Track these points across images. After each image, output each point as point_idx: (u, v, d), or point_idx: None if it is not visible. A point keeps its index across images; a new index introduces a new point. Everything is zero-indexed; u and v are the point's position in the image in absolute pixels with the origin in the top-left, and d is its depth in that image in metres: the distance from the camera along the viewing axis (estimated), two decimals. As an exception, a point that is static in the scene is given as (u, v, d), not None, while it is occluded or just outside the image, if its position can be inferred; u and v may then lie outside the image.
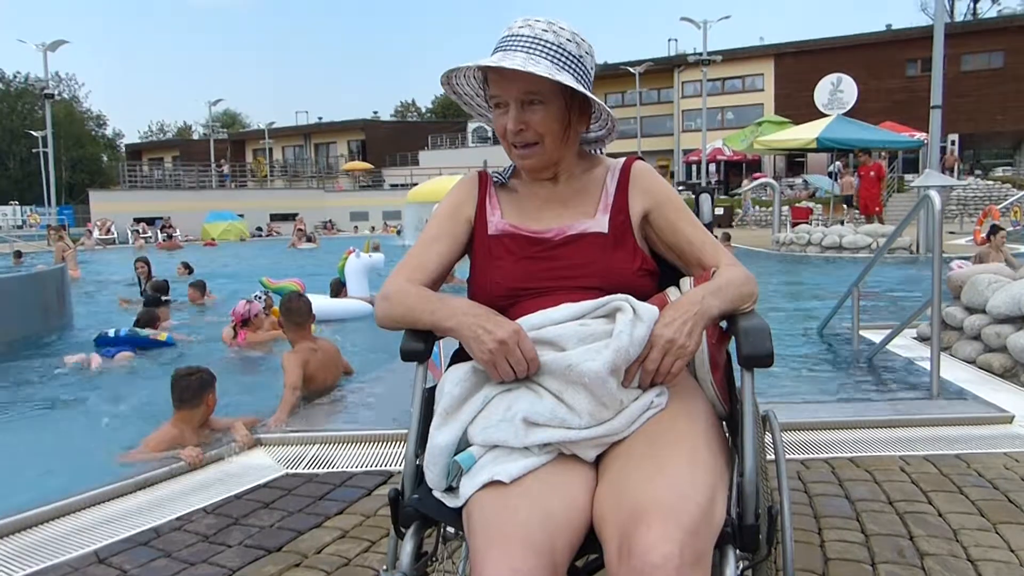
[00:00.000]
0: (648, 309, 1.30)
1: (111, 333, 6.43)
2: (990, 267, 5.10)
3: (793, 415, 3.59)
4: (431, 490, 1.28)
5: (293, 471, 3.18)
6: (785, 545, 1.31)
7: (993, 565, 2.17)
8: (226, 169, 40.28)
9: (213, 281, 10.07)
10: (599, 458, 1.25)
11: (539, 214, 1.51)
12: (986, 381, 4.14)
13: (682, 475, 1.13)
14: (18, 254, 14.95)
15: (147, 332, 6.56)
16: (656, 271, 1.50)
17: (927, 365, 3.97)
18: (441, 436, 1.27)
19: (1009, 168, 30.82)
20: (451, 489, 1.26)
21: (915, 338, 5.32)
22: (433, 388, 1.40)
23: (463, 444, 1.27)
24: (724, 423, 1.42)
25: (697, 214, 1.64)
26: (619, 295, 1.33)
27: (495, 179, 1.58)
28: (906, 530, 2.43)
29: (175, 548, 2.48)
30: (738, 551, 1.16)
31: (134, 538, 2.56)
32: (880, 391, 4.22)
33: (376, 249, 8.88)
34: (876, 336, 5.20)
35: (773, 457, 1.50)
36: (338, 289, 8.27)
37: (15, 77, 55.43)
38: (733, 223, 24.56)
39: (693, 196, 1.77)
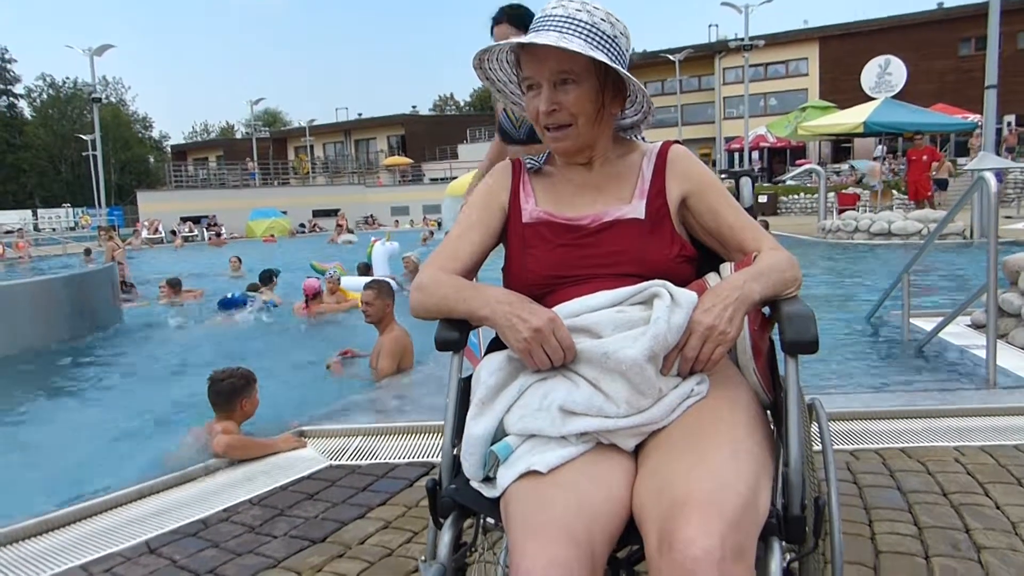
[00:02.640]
0: (686, 295, 1.27)
1: (229, 295, 8.81)
2: (1049, 251, 4.91)
3: (842, 404, 3.50)
4: (469, 480, 1.27)
5: (337, 463, 3.21)
6: (833, 537, 1.27)
7: (1055, 559, 2.09)
8: (251, 166, 40.65)
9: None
10: (638, 447, 1.23)
11: (574, 200, 1.48)
12: (1046, 369, 3.98)
13: (724, 465, 1.10)
14: (88, 252, 15.61)
15: (255, 294, 8.82)
16: (695, 257, 1.46)
17: (982, 353, 3.84)
18: (477, 426, 1.25)
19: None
20: (488, 479, 1.25)
21: (969, 326, 5.15)
22: (469, 378, 1.39)
23: (500, 434, 1.26)
24: (768, 412, 1.38)
25: (737, 198, 1.60)
26: (656, 281, 1.30)
27: (529, 166, 1.56)
28: (962, 523, 2.34)
29: (223, 539, 2.52)
30: (784, 543, 1.13)
31: (183, 529, 2.61)
32: (933, 380, 4.10)
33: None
34: (928, 324, 5.05)
35: (819, 447, 1.45)
36: (365, 270, 10.05)
37: (64, 82, 57.11)
38: (778, 211, 24.10)
39: (733, 181, 1.72)
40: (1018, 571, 2.04)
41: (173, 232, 27.27)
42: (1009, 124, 19.10)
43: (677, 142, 1.54)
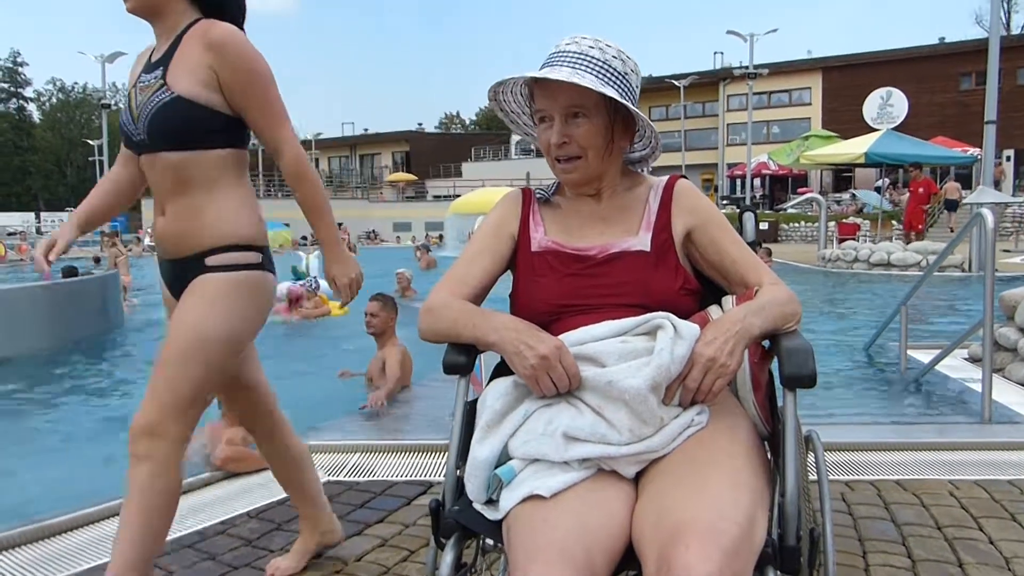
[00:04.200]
0: (689, 327, 1.31)
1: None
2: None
3: (838, 435, 3.52)
4: (471, 502, 1.30)
5: (334, 478, 3.22)
6: (827, 568, 1.29)
7: (1046, 596, 2.11)
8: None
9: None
10: (639, 475, 1.26)
11: (582, 231, 1.52)
12: (1041, 405, 4.01)
13: (723, 494, 1.13)
14: (96, 259, 15.71)
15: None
16: (698, 290, 1.50)
17: (978, 387, 3.86)
18: (482, 449, 1.28)
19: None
20: (491, 502, 1.27)
21: (966, 359, 5.17)
22: (474, 401, 1.42)
23: (504, 457, 1.29)
24: (766, 443, 1.41)
25: (740, 232, 1.63)
26: (660, 313, 1.34)
27: (538, 196, 1.61)
28: (955, 556, 2.36)
29: (219, 551, 2.53)
30: (779, 573, 1.15)
31: (180, 540, 2.62)
32: (928, 413, 4.12)
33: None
34: (925, 356, 5.08)
35: (815, 478, 1.48)
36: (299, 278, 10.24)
37: (73, 88, 57.50)
38: (779, 238, 24.19)
39: (737, 212, 1.76)
40: (1010, 607, 2.06)
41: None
42: (1008, 158, 19.32)
43: (683, 177, 1.59)
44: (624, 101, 1.41)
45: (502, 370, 1.44)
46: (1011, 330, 4.74)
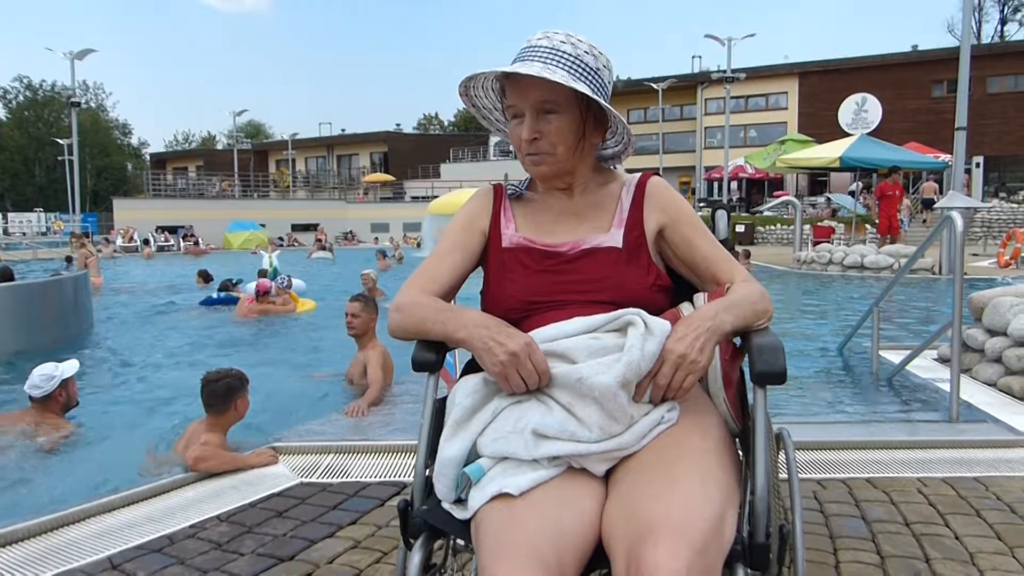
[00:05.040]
0: (660, 324, 1.30)
1: (215, 295, 10.19)
2: (1013, 289, 5.03)
3: (811, 434, 3.55)
4: (440, 501, 1.29)
5: (307, 480, 3.19)
6: (797, 565, 1.30)
7: (1012, 592, 2.14)
8: (226, 186, 40.20)
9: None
10: (609, 472, 1.25)
11: (554, 227, 1.52)
12: (1006, 404, 4.08)
13: (693, 491, 1.13)
14: (69, 259, 15.45)
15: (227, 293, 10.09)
16: (670, 287, 1.50)
17: (947, 387, 3.92)
18: (451, 448, 1.27)
19: (1021, 191, 30.28)
20: (460, 501, 1.26)
21: (936, 359, 5.25)
22: (444, 399, 1.41)
23: (473, 456, 1.27)
24: (737, 440, 1.41)
25: (713, 230, 1.64)
26: (631, 309, 1.33)
27: (510, 192, 1.60)
28: (922, 552, 2.39)
29: (188, 555, 2.49)
30: (748, 570, 1.15)
31: (148, 545, 2.57)
32: (899, 412, 4.17)
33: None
34: (896, 356, 5.14)
35: (786, 476, 1.48)
36: (266, 275, 10.46)
37: (41, 85, 56.49)
38: (755, 240, 24.40)
39: (710, 212, 1.77)
40: (976, 603, 2.09)
41: (146, 241, 26.88)
42: (978, 165, 19.70)
43: (656, 173, 1.59)
44: (596, 97, 1.40)
45: (472, 367, 1.43)
46: (979, 331, 4.82)
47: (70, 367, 4.20)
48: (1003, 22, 51.18)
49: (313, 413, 4.45)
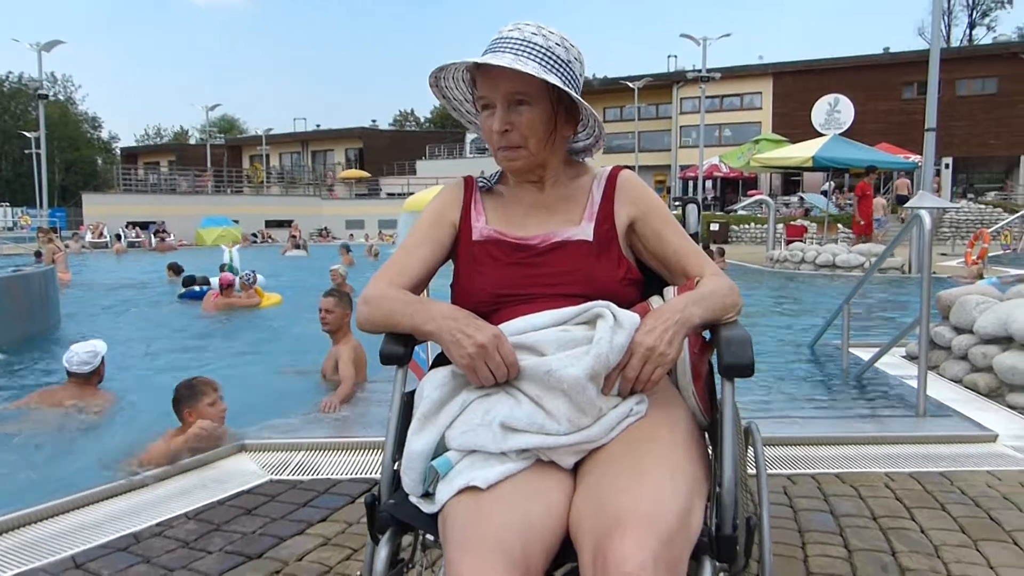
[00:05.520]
0: (629, 316, 1.30)
1: (198, 288, 10.21)
2: (979, 288, 5.12)
3: (782, 430, 3.59)
4: (408, 496, 1.27)
5: (277, 477, 3.16)
6: (764, 558, 1.31)
7: (974, 583, 2.17)
8: (206, 177, 39.70)
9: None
10: (577, 465, 1.24)
11: (524, 220, 1.51)
12: (972, 400, 4.15)
13: (660, 483, 1.13)
14: (38, 254, 15.13)
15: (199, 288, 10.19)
16: (640, 280, 1.50)
17: (915, 383, 3.98)
18: (418, 441, 1.26)
19: (999, 193, 30.98)
20: (428, 495, 1.25)
21: (904, 356, 5.33)
22: (412, 392, 1.39)
23: (441, 449, 1.26)
24: (706, 434, 1.41)
25: (683, 224, 1.64)
26: (600, 302, 1.33)
27: (481, 184, 1.59)
28: (889, 546, 2.42)
29: (154, 554, 2.45)
30: (715, 562, 1.16)
31: (113, 543, 2.53)
32: (868, 408, 4.23)
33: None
34: (866, 353, 5.21)
35: (755, 470, 1.49)
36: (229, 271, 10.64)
37: (8, 77, 55.33)
38: (729, 239, 24.62)
39: (680, 207, 1.77)
40: (941, 595, 2.12)
41: (117, 237, 26.46)
42: (947, 166, 20.08)
43: (628, 167, 1.58)
44: (567, 89, 1.39)
45: (441, 360, 1.42)
46: (946, 329, 4.89)
47: (103, 344, 4.65)
48: (971, 26, 52.23)
49: (284, 409, 4.40)
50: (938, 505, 2.75)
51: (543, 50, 1.40)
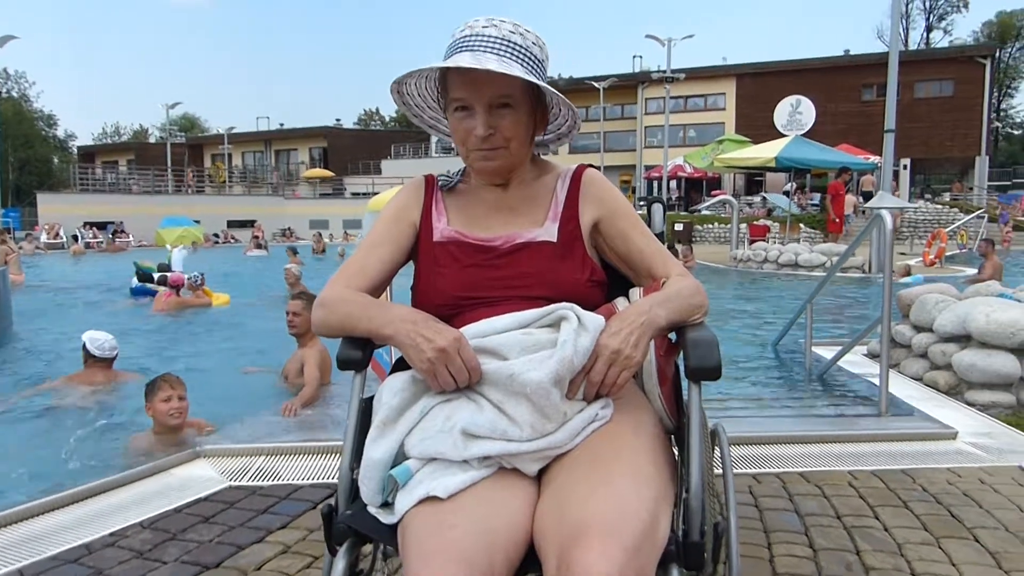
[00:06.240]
0: (593, 319, 1.27)
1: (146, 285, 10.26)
2: (938, 287, 5.20)
3: (746, 428, 3.60)
4: (366, 505, 1.23)
5: (236, 483, 3.07)
6: (732, 562, 1.28)
7: (936, 581, 2.19)
8: (190, 174, 38.98)
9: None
10: (541, 471, 1.21)
11: (487, 221, 1.47)
12: (932, 398, 4.21)
13: (626, 490, 1.10)
14: None
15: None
16: (605, 281, 1.47)
17: (876, 381, 4.03)
18: (377, 449, 1.21)
19: (948, 193, 31.67)
20: (387, 504, 1.21)
21: (865, 355, 5.40)
22: (371, 398, 1.35)
23: (400, 457, 1.22)
24: (672, 437, 1.39)
25: (648, 223, 1.62)
26: (564, 304, 1.30)
27: (442, 183, 1.54)
28: (853, 545, 2.43)
29: (107, 565, 2.37)
30: (683, 570, 1.13)
31: (63, 555, 2.43)
32: (831, 406, 4.26)
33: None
34: (828, 352, 5.27)
35: (721, 472, 1.47)
36: (165, 269, 10.66)
37: (-41, 74, 53.71)
38: (693, 239, 24.85)
39: (646, 209, 1.75)
40: (904, 593, 2.13)
41: (75, 237, 25.80)
42: (905, 166, 20.55)
43: (592, 166, 1.55)
44: (553, 91, 1.37)
45: (401, 365, 1.37)
46: (906, 328, 4.97)
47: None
48: (928, 29, 53.48)
49: (243, 412, 4.30)
50: (901, 503, 2.77)
51: (523, 50, 1.36)
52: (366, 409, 1.33)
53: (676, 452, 1.36)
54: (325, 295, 1.38)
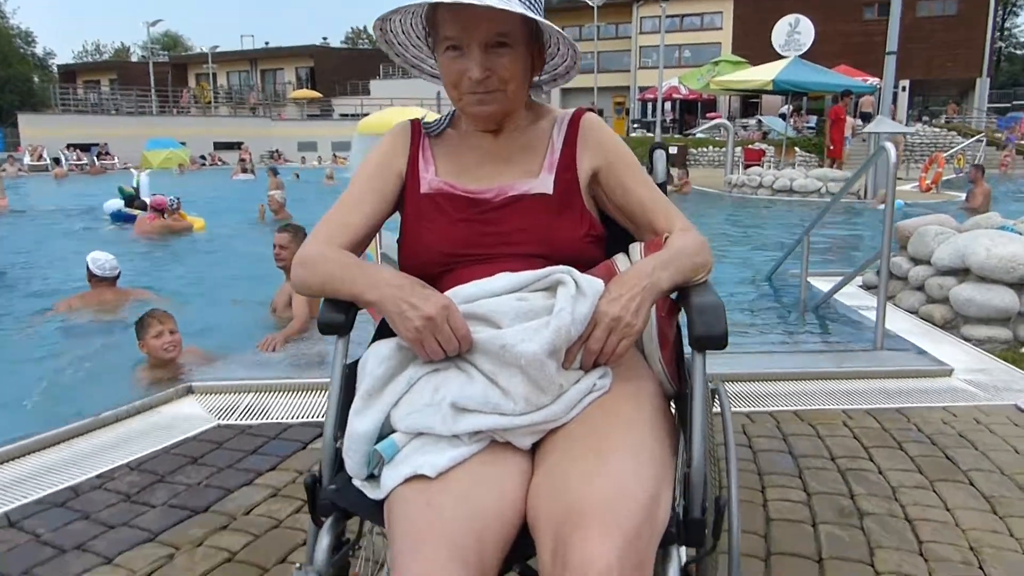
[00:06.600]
0: (592, 283, 1.18)
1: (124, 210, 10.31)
2: (937, 218, 5.12)
3: (740, 365, 3.57)
4: (352, 478, 1.16)
5: (225, 422, 3.04)
6: (732, 536, 1.23)
7: (929, 525, 2.18)
8: (185, 95, 37.78)
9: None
10: (535, 446, 1.14)
11: (478, 171, 1.36)
12: (927, 332, 4.18)
13: (625, 469, 1.03)
14: None
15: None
16: (604, 236, 1.37)
17: (871, 314, 3.98)
18: (362, 422, 1.14)
19: (946, 116, 31.16)
20: (374, 477, 1.14)
21: (861, 286, 5.35)
22: (355, 364, 1.26)
23: (386, 429, 1.15)
24: (672, 403, 1.32)
25: (650, 172, 1.51)
26: (561, 267, 1.20)
27: (428, 130, 1.42)
28: (847, 488, 2.42)
29: (94, 509, 2.34)
30: (683, 548, 1.08)
31: (49, 498, 2.40)
32: (826, 341, 4.25)
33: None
34: (824, 284, 5.22)
35: (721, 439, 1.41)
36: (136, 194, 10.81)
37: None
38: (688, 163, 24.53)
39: (647, 154, 1.62)
40: (898, 537, 2.12)
41: (57, 160, 25.22)
42: (904, 88, 20.13)
43: (590, 110, 1.43)
44: (557, 29, 1.24)
45: (386, 331, 1.28)
46: (903, 260, 4.91)
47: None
48: (934, -56, 51.56)
49: (233, 345, 4.25)
50: (895, 444, 2.76)
51: None
52: (350, 375, 1.25)
53: (677, 419, 1.30)
54: (304, 252, 1.28)
